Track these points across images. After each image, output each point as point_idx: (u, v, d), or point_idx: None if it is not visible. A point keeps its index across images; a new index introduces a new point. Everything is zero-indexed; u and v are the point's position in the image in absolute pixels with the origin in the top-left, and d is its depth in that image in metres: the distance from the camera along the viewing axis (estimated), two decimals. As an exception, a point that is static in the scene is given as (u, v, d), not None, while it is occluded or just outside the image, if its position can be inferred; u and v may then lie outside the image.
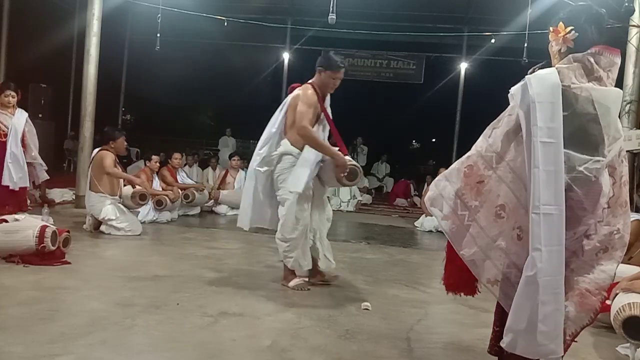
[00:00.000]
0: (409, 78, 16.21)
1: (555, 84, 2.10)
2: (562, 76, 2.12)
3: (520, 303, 2.07)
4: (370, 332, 3.10)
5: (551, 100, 2.08)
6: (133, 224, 5.82)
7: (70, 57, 14.27)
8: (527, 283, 2.04)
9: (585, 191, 2.13)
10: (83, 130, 7.42)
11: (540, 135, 2.04)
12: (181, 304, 3.34)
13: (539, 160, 2.03)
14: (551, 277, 2.03)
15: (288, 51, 16.05)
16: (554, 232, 2.04)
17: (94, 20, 7.36)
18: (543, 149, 2.03)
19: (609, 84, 2.18)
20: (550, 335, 2.04)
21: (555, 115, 2.07)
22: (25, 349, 2.45)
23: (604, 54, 2.16)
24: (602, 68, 2.16)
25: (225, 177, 8.97)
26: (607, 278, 2.18)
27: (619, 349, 3.01)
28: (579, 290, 2.16)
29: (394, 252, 6.13)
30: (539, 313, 2.01)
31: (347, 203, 10.82)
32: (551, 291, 2.04)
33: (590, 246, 2.19)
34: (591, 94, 2.11)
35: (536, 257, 2.01)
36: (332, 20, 7.30)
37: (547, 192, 2.03)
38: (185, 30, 13.82)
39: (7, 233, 4.11)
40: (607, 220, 2.20)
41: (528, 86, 2.12)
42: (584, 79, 2.15)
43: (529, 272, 2.03)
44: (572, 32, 2.20)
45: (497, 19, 12.64)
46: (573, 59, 2.17)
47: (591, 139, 2.14)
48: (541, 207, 2.02)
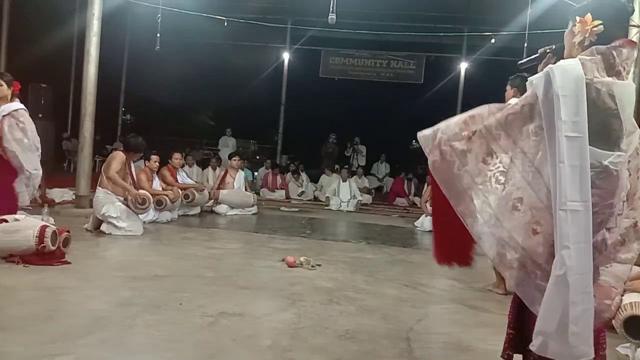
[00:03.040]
0: (409, 78, 16.21)
1: (580, 77, 2.04)
2: (585, 69, 2.06)
3: (551, 304, 2.00)
4: (370, 332, 3.10)
5: (576, 93, 2.02)
6: (134, 225, 5.81)
7: (70, 57, 14.28)
8: (557, 283, 1.97)
9: (610, 186, 2.09)
10: (83, 130, 7.41)
11: (565, 129, 1.98)
12: (182, 304, 3.34)
13: (564, 155, 1.98)
14: (580, 275, 1.97)
15: (288, 51, 16.06)
16: (582, 228, 1.99)
17: (94, 20, 7.35)
18: (568, 143, 1.98)
19: (626, 78, 2.15)
20: (581, 337, 1.98)
21: (580, 109, 2.01)
22: (25, 349, 2.45)
23: (626, 47, 2.13)
24: (621, 62, 2.12)
25: (225, 177, 8.97)
26: (626, 270, 2.15)
27: (619, 348, 3.01)
28: (599, 284, 2.11)
29: (394, 252, 6.13)
30: (570, 314, 1.95)
31: (347, 203, 10.82)
32: (581, 290, 1.98)
33: (612, 240, 2.15)
34: (612, 88, 2.07)
35: (565, 255, 1.95)
36: (332, 20, 7.31)
37: (573, 188, 1.98)
38: (185, 30, 13.82)
39: (7, 233, 4.11)
40: (627, 213, 2.17)
41: (551, 78, 2.05)
42: (604, 72, 2.10)
43: (558, 271, 1.97)
44: (600, 26, 2.16)
45: (497, 19, 12.64)
46: (597, 51, 2.11)
47: (612, 133, 2.10)
48: (568, 203, 1.96)
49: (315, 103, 18.79)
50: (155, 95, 17.87)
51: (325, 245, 6.18)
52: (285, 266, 4.69)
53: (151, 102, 18.63)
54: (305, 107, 18.82)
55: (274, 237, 6.48)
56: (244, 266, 4.69)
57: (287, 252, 5.25)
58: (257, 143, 19.59)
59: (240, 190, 8.95)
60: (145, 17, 11.32)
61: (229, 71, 18.66)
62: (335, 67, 16.40)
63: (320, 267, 4.75)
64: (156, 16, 9.31)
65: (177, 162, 8.07)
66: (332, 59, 16.49)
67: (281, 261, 4.82)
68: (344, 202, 10.86)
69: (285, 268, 4.65)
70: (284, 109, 16.44)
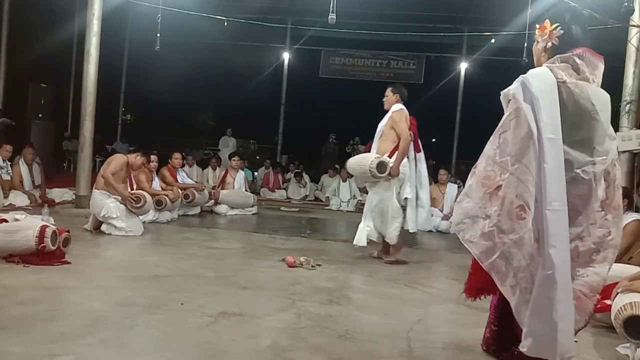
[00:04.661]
0: (409, 78, 16.19)
1: (553, 80, 2.10)
2: (554, 73, 2.13)
3: (539, 303, 2.03)
4: (370, 332, 3.10)
5: (550, 96, 2.08)
6: (134, 225, 5.79)
7: (70, 57, 14.27)
8: (546, 282, 2.00)
9: (579, 193, 2.13)
10: (83, 130, 7.41)
11: (546, 131, 2.03)
12: (183, 304, 3.33)
13: (548, 155, 2.02)
14: (564, 274, 2.01)
15: (288, 51, 16.05)
16: (563, 228, 2.03)
17: (94, 20, 7.35)
18: (549, 145, 2.03)
19: (596, 86, 2.20)
20: (568, 334, 2.02)
21: (555, 111, 2.06)
22: (25, 349, 2.45)
23: (588, 56, 2.19)
24: (588, 70, 2.17)
25: (225, 177, 8.97)
26: (601, 281, 2.19)
27: (619, 348, 3.00)
28: (575, 294, 2.13)
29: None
30: (559, 311, 1.99)
31: (347, 203, 10.82)
32: (566, 288, 2.02)
33: (585, 248, 2.19)
34: (586, 90, 2.12)
35: (553, 254, 1.98)
36: (332, 20, 7.30)
37: (556, 189, 2.02)
38: (185, 30, 13.81)
39: (7, 233, 4.10)
40: (601, 223, 2.20)
41: (527, 84, 2.10)
42: (573, 78, 2.15)
43: (547, 270, 1.99)
44: (558, 29, 2.22)
45: (497, 19, 12.64)
46: (560, 59, 2.18)
47: (591, 134, 2.14)
48: (553, 203, 2.00)
49: (315, 103, 18.80)
50: (155, 95, 17.85)
51: (325, 245, 6.18)
52: (285, 266, 4.69)
53: (151, 102, 18.62)
54: (305, 107, 18.84)
55: (274, 237, 6.48)
56: (244, 266, 4.69)
57: (287, 252, 5.25)
58: (257, 143, 19.60)
59: (241, 191, 8.95)
60: (145, 17, 11.32)
61: (229, 71, 18.68)
62: (335, 67, 16.40)
63: (320, 267, 4.74)
64: (156, 16, 9.31)
65: (177, 162, 8.06)
66: (332, 59, 16.48)
67: (281, 261, 4.82)
68: (344, 202, 10.86)
69: (285, 268, 4.64)
70: (284, 109, 16.43)
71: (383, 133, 5.39)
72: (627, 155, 6.53)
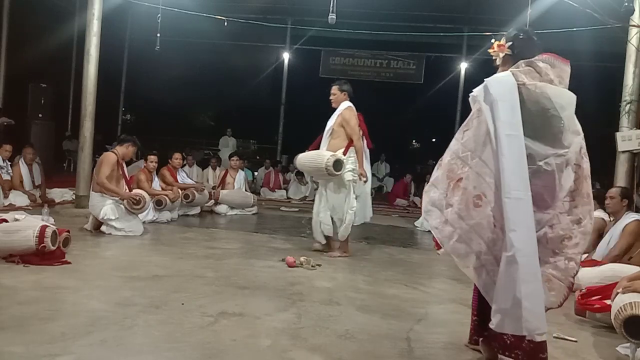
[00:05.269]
0: (409, 78, 16.22)
1: (512, 84, 2.38)
2: (516, 77, 2.40)
3: (503, 283, 2.24)
4: (370, 332, 3.10)
5: (510, 98, 2.35)
6: (134, 225, 5.79)
7: (70, 57, 14.28)
8: (508, 263, 2.22)
9: (544, 184, 2.35)
10: (83, 130, 7.41)
11: (503, 128, 2.29)
12: (183, 304, 3.33)
13: (505, 149, 2.27)
14: (528, 257, 2.21)
15: (288, 51, 16.06)
16: (527, 214, 2.24)
17: (94, 20, 7.35)
18: (507, 140, 2.28)
19: (562, 87, 2.43)
20: (534, 312, 2.20)
21: (515, 111, 2.33)
22: (25, 349, 2.45)
23: (552, 60, 2.44)
24: (552, 72, 2.41)
25: (225, 177, 8.98)
26: (575, 266, 2.40)
27: (619, 348, 3.00)
28: (547, 276, 2.36)
29: (394, 251, 6.13)
30: (522, 291, 2.18)
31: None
32: (530, 270, 2.21)
33: (553, 234, 2.39)
34: (545, 90, 2.36)
35: (513, 237, 2.20)
36: (332, 20, 7.31)
37: (515, 179, 2.25)
38: (185, 30, 13.83)
39: (7, 233, 4.10)
40: (570, 211, 2.41)
41: (489, 87, 2.40)
42: (535, 80, 2.40)
43: (507, 252, 2.21)
44: (509, 44, 2.58)
45: (497, 19, 12.62)
46: (525, 63, 2.45)
47: (553, 129, 2.37)
48: (512, 192, 2.23)
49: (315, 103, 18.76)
50: (155, 95, 17.87)
51: (325, 245, 6.16)
52: (285, 266, 4.69)
53: (151, 102, 18.64)
54: (305, 107, 18.81)
55: (274, 237, 6.48)
56: (244, 266, 4.69)
57: (287, 252, 5.25)
58: (257, 143, 19.59)
59: (241, 191, 8.95)
60: (145, 17, 11.33)
61: (229, 71, 18.69)
62: (335, 67, 16.40)
63: (320, 267, 4.75)
64: (156, 16, 9.30)
65: (177, 162, 8.06)
66: (332, 59, 16.49)
67: (281, 261, 4.82)
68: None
69: (285, 268, 4.65)
70: (284, 109, 16.42)
71: (333, 131, 5.47)
72: (627, 155, 6.52)
